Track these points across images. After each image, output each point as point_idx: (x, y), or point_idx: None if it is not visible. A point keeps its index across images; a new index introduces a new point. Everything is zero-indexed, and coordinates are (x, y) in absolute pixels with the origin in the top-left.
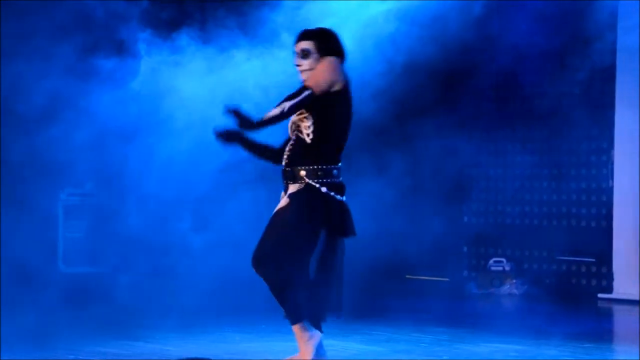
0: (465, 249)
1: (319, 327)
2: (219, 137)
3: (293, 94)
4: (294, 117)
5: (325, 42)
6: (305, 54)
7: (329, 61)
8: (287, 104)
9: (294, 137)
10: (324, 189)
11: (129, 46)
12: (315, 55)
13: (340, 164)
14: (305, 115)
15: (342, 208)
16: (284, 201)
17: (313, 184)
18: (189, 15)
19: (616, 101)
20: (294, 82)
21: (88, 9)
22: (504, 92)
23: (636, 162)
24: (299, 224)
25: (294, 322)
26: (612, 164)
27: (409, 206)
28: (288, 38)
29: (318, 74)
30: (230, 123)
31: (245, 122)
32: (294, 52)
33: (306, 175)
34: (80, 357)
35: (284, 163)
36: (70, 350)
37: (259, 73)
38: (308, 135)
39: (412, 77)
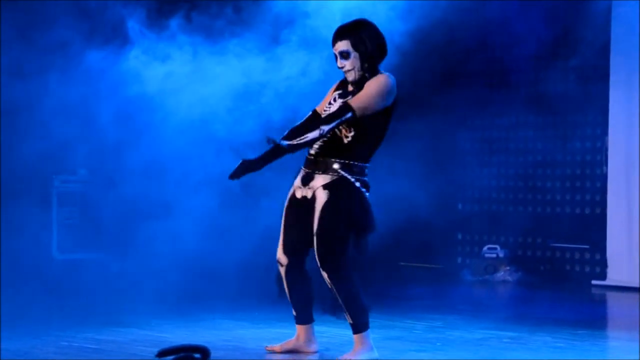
0: (459, 235)
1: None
2: (236, 175)
3: (333, 113)
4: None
5: (360, 38)
6: (344, 55)
7: (377, 84)
8: (326, 128)
9: None
10: (358, 184)
11: (123, 35)
12: (354, 54)
13: (370, 164)
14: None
15: (369, 205)
16: (321, 194)
17: (348, 177)
18: (182, 4)
19: (610, 87)
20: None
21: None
22: (497, 79)
23: (630, 148)
24: (345, 219)
25: (364, 329)
26: (607, 150)
27: (403, 193)
28: (285, 30)
29: (364, 97)
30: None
31: (281, 150)
32: (334, 55)
33: (340, 168)
34: (74, 344)
35: (313, 152)
36: (64, 337)
37: (255, 66)
38: (346, 137)
39: (404, 64)
